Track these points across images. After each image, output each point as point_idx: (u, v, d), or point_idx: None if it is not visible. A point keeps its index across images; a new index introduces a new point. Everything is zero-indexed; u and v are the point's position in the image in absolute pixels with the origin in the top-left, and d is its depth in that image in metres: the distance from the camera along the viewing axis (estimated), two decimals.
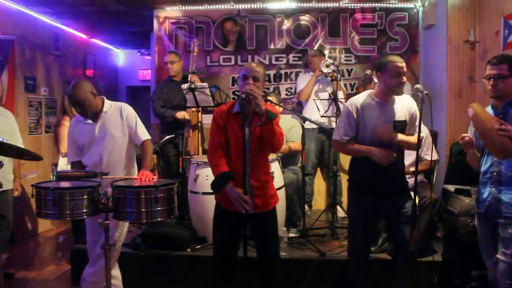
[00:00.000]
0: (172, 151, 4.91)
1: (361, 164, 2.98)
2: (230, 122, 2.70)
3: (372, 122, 2.91)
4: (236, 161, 2.67)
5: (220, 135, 2.70)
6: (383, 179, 2.91)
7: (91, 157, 3.20)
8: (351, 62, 5.81)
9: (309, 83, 5.22)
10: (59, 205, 2.54)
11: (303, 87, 5.24)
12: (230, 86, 5.89)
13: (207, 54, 5.90)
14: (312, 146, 5.24)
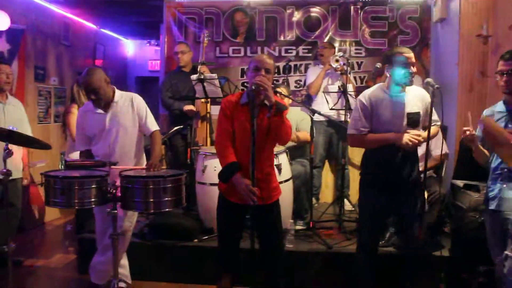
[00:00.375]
0: (180, 142, 4.92)
1: (374, 157, 2.96)
2: (237, 113, 2.70)
3: (384, 115, 2.90)
4: (240, 153, 2.67)
5: (228, 125, 2.70)
6: (396, 173, 2.90)
7: (101, 148, 3.21)
8: (361, 55, 5.78)
9: (318, 77, 5.21)
10: (67, 194, 2.58)
11: (313, 80, 5.24)
12: (239, 77, 5.86)
13: (217, 45, 5.89)
14: (321, 139, 5.23)
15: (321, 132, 5.22)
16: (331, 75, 5.24)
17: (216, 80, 4.48)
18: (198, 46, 5.11)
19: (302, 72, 5.83)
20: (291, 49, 5.84)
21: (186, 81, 4.82)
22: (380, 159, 2.92)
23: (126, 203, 2.70)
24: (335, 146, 5.32)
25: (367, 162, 3.05)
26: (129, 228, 3.29)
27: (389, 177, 2.90)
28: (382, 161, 2.91)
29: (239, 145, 2.70)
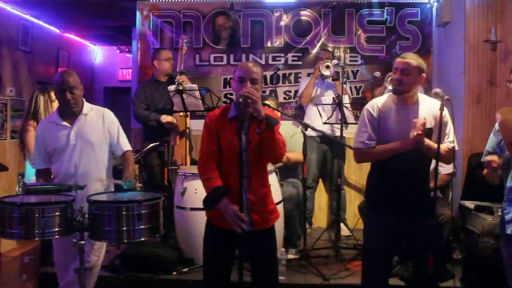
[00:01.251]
0: (156, 160, 4.90)
1: (381, 176, 2.96)
2: (224, 129, 2.69)
3: (392, 127, 2.89)
4: (230, 173, 2.66)
5: (212, 144, 2.70)
6: (406, 194, 2.87)
7: (63, 166, 3.16)
8: (357, 62, 5.82)
9: (308, 85, 5.26)
10: (26, 223, 2.46)
11: (303, 89, 5.31)
12: (221, 88, 5.87)
13: (196, 52, 5.89)
14: (314, 157, 5.25)
15: (314, 149, 5.24)
16: (324, 85, 5.30)
17: (196, 91, 4.47)
18: (176, 54, 5.15)
19: (292, 82, 5.85)
20: (279, 57, 5.86)
21: (163, 93, 4.82)
22: (388, 177, 2.90)
23: (95, 233, 2.63)
24: (329, 164, 5.34)
25: (374, 180, 3.03)
26: (97, 263, 3.21)
27: (397, 199, 2.87)
28: (391, 180, 2.89)
29: (227, 166, 2.68)
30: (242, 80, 2.64)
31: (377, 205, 2.98)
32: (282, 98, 5.83)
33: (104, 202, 2.65)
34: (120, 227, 2.57)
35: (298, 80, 5.77)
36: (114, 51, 9.14)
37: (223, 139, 2.69)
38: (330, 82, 5.22)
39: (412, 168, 2.87)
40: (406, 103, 2.90)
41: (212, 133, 2.70)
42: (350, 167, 5.64)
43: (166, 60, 5.02)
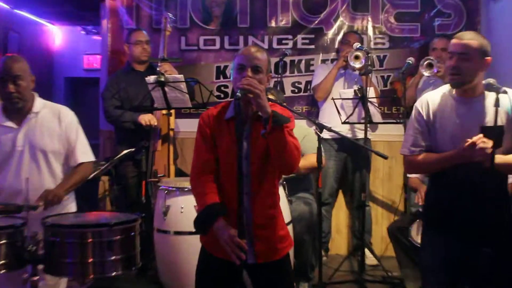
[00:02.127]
0: (131, 171, 4.94)
1: (438, 191, 2.96)
2: (221, 132, 2.73)
3: (448, 130, 2.88)
4: (229, 189, 2.69)
5: (208, 151, 2.73)
6: (475, 211, 2.82)
7: (8, 179, 3.16)
8: (384, 46, 5.80)
9: (329, 76, 5.27)
10: None
11: (321, 81, 5.31)
12: (214, 79, 5.87)
13: (182, 34, 5.89)
14: (331, 165, 5.27)
15: (331, 156, 5.26)
16: (346, 75, 5.32)
17: (182, 83, 4.47)
18: (156, 36, 5.11)
19: (302, 70, 5.84)
20: (286, 39, 5.85)
21: (140, 85, 4.80)
22: (447, 192, 2.89)
23: (52, 266, 2.61)
24: (350, 174, 5.36)
25: (431, 196, 3.04)
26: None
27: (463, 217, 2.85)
28: (451, 195, 2.87)
29: (226, 178, 2.71)
30: (241, 69, 2.66)
31: (437, 225, 2.96)
32: (290, 91, 5.86)
33: (65, 226, 2.63)
34: (85, 259, 2.55)
35: (310, 68, 5.79)
36: (78, 32, 9.15)
37: (220, 145, 2.71)
38: (356, 74, 5.25)
39: (481, 180, 2.80)
40: (467, 96, 2.88)
41: (207, 138, 2.73)
42: (377, 178, 5.66)
43: (136, 44, 5.07)
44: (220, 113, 2.75)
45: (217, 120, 2.73)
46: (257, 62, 2.65)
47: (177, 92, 4.49)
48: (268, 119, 2.52)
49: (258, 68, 2.65)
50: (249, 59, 2.65)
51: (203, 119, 2.76)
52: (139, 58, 5.07)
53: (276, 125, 2.53)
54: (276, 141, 2.57)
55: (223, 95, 5.81)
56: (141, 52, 5.06)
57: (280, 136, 2.56)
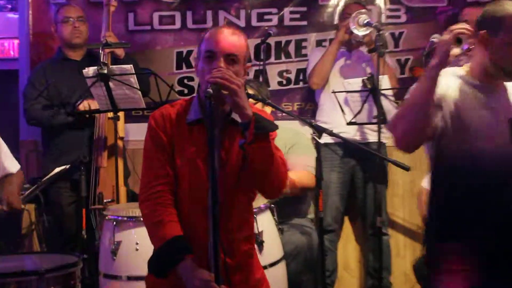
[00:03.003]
0: (67, 196, 4.94)
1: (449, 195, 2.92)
2: (183, 140, 2.77)
3: (474, 122, 2.88)
4: (192, 216, 2.75)
5: (164, 163, 2.77)
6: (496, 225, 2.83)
7: None
8: (399, 20, 5.79)
9: (326, 55, 5.24)
10: None
11: (317, 62, 5.30)
12: (174, 69, 5.86)
13: (130, 9, 5.84)
14: (334, 178, 5.24)
15: (334, 165, 5.24)
16: (353, 59, 5.33)
17: (132, 76, 4.45)
18: (96, 13, 5.19)
19: (292, 55, 5.84)
20: (269, 14, 5.83)
21: (75, 79, 4.83)
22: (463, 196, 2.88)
23: None
24: (360, 190, 5.34)
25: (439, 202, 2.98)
26: None
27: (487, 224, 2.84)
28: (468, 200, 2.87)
29: (188, 201, 2.76)
30: (211, 57, 2.69)
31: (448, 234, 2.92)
32: (276, 83, 5.82)
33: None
34: None
35: (302, 52, 5.78)
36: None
37: (181, 156, 2.75)
38: (363, 53, 5.25)
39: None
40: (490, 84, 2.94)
41: (163, 146, 2.76)
42: (396, 196, 5.65)
43: (64, 22, 5.02)
44: (179, 114, 2.79)
45: (176, 124, 2.78)
46: (232, 49, 2.69)
47: (126, 88, 4.45)
48: (248, 123, 2.56)
49: (234, 56, 2.68)
50: (221, 44, 2.68)
51: (156, 120, 2.79)
52: (69, 40, 5.05)
53: (260, 132, 2.58)
54: (260, 155, 2.61)
55: (187, 90, 5.77)
56: (72, 32, 5.03)
57: (265, 148, 2.61)
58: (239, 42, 2.72)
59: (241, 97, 2.57)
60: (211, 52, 2.68)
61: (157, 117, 2.79)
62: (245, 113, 2.57)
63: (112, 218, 3.96)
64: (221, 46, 2.68)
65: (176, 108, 2.81)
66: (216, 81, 2.54)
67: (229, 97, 2.57)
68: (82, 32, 5.05)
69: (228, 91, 2.55)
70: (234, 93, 2.54)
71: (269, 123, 2.65)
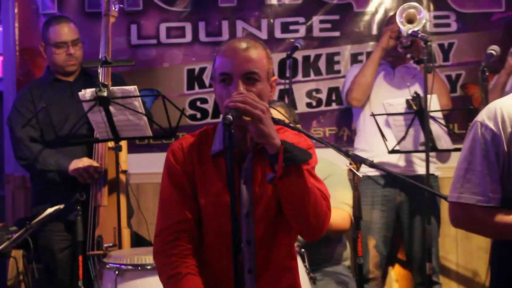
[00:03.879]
0: (60, 240, 4.94)
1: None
2: (207, 175, 2.77)
3: None
4: (220, 265, 2.74)
5: (183, 206, 2.77)
6: None
7: None
8: (449, 29, 5.88)
9: (367, 65, 5.34)
10: None
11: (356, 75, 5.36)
12: (185, 90, 5.91)
13: (132, 20, 5.95)
14: (377, 217, 5.31)
15: (375, 202, 5.30)
16: (397, 76, 5.41)
17: (136, 99, 4.46)
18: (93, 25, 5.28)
19: (322, 72, 5.93)
20: (296, 24, 5.93)
21: (70, 104, 4.89)
22: None
23: None
24: (406, 231, 5.38)
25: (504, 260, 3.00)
26: None
27: None
28: None
29: (215, 249, 2.76)
30: (226, 80, 2.70)
31: None
32: (304, 104, 5.91)
33: None
34: None
35: (335, 68, 5.87)
36: None
37: (204, 195, 2.75)
38: (408, 69, 5.32)
39: None
40: None
41: (183, 185, 2.77)
42: (447, 237, 5.66)
43: (56, 47, 5.04)
44: (201, 145, 2.78)
45: (198, 156, 2.77)
46: (249, 66, 2.68)
47: (129, 113, 4.46)
48: (276, 155, 2.54)
49: (253, 74, 2.68)
50: (235, 63, 2.68)
51: (174, 154, 2.79)
52: (62, 68, 5.08)
53: (291, 164, 2.55)
54: (292, 190, 2.59)
55: (200, 114, 5.83)
56: (65, 60, 5.05)
57: (298, 182, 2.58)
58: (256, 55, 2.71)
59: (266, 124, 2.54)
60: (226, 74, 2.69)
61: (175, 150, 2.80)
62: (272, 143, 2.54)
63: (114, 267, 3.93)
64: (236, 66, 2.67)
65: (198, 138, 2.81)
66: (237, 106, 2.51)
67: (252, 124, 2.55)
68: (77, 58, 5.05)
69: (251, 118, 2.53)
70: (258, 119, 2.52)
71: (301, 152, 2.60)
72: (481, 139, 2.89)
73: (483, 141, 2.88)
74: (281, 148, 2.53)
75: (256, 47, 2.73)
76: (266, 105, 2.59)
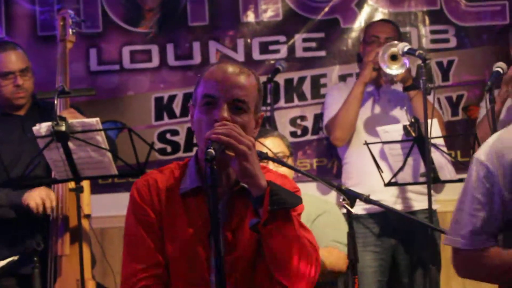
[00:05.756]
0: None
1: None
2: (175, 217, 2.79)
3: None
4: None
5: (152, 250, 2.78)
6: None
7: None
8: (448, 45, 5.91)
9: (349, 100, 5.32)
10: None
11: (339, 107, 5.37)
12: (153, 120, 5.93)
13: (91, 44, 5.96)
14: (370, 260, 5.31)
15: (368, 243, 5.32)
16: (385, 99, 5.47)
17: (98, 133, 4.46)
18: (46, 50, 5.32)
19: (307, 97, 5.98)
20: (277, 43, 6.00)
21: (22, 141, 4.90)
22: None
23: None
24: (405, 274, 5.39)
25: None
26: None
27: None
28: None
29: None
30: (210, 103, 2.69)
31: None
32: (288, 133, 5.90)
33: None
34: None
35: (321, 92, 5.92)
36: None
37: (171, 240, 2.76)
38: (398, 91, 5.35)
39: None
40: None
41: (150, 225, 2.77)
42: (452, 279, 5.68)
43: (1, 78, 4.97)
44: (170, 183, 2.80)
45: (166, 195, 2.78)
46: (238, 92, 2.67)
47: (91, 150, 4.45)
48: (262, 198, 2.55)
49: (241, 103, 2.67)
50: (225, 86, 2.67)
51: (140, 192, 2.78)
52: (9, 100, 5.02)
53: (278, 209, 2.55)
54: (278, 238, 2.61)
55: (170, 148, 5.85)
56: (13, 92, 4.99)
57: (285, 229, 2.61)
58: (248, 84, 2.70)
59: (251, 162, 2.55)
60: (211, 97, 2.67)
61: (141, 187, 2.79)
62: (257, 184, 2.56)
63: None
64: (224, 89, 2.66)
65: (166, 174, 2.82)
66: (219, 139, 2.49)
67: (235, 161, 2.55)
68: (27, 89, 5.00)
69: (235, 153, 2.53)
70: (243, 156, 2.53)
71: (290, 195, 2.62)
72: (474, 176, 2.93)
73: (476, 179, 2.92)
74: (267, 190, 2.54)
75: (249, 75, 2.72)
76: (253, 141, 2.60)
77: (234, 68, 2.72)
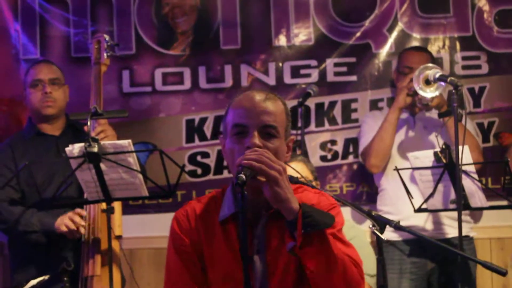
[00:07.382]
0: None
1: None
2: (215, 245, 2.78)
3: None
4: None
5: (191, 278, 2.78)
6: None
7: None
8: (480, 71, 5.90)
9: (385, 127, 5.32)
10: None
11: (372, 136, 5.37)
12: (183, 142, 5.91)
13: (124, 66, 5.99)
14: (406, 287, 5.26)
15: (403, 270, 5.27)
16: (419, 125, 5.43)
17: (130, 155, 4.47)
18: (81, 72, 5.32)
19: (338, 121, 5.96)
20: (308, 68, 5.99)
21: (55, 161, 4.92)
22: None
23: None
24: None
25: None
26: None
27: None
28: None
29: None
30: (241, 133, 2.71)
31: None
32: (318, 157, 5.92)
33: None
34: None
35: (352, 117, 5.92)
36: None
37: (213, 268, 2.76)
38: (433, 118, 5.33)
39: None
40: None
41: (190, 258, 2.79)
42: None
43: (32, 87, 5.03)
44: (208, 211, 2.80)
45: (205, 223, 2.78)
46: (268, 118, 2.69)
47: (122, 171, 4.46)
48: (295, 221, 2.53)
49: (271, 129, 2.69)
50: (254, 113, 2.69)
51: (179, 223, 2.81)
52: (38, 110, 5.04)
53: (312, 231, 2.53)
54: (316, 260, 2.58)
55: (201, 170, 5.82)
56: (41, 100, 5.01)
57: (322, 250, 2.57)
58: (276, 109, 2.72)
59: (283, 186, 2.53)
60: (242, 126, 2.69)
61: (180, 218, 2.82)
62: (289, 208, 2.53)
63: None
64: (253, 117, 2.68)
65: (205, 203, 2.83)
66: (251, 165, 2.50)
67: (267, 187, 2.53)
68: (55, 100, 5.00)
69: (266, 179, 2.53)
70: (274, 181, 2.51)
71: (323, 215, 2.59)
72: None
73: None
74: (299, 214, 2.52)
75: (275, 100, 2.75)
76: (284, 165, 2.57)
77: (260, 94, 2.74)
